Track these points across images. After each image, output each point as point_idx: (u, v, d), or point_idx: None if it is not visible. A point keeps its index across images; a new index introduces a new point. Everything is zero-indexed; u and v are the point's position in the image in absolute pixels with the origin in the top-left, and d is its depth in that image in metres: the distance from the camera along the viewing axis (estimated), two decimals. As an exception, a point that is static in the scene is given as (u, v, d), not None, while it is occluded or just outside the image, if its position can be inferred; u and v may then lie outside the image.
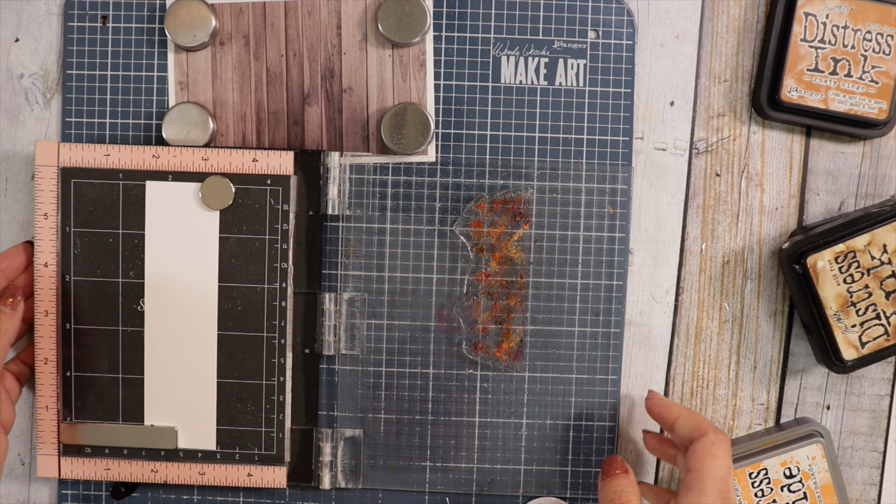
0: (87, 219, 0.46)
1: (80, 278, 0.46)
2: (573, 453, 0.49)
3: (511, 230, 0.47)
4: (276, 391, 0.47)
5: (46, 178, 0.46)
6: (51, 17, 0.48)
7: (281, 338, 0.47)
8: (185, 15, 0.46)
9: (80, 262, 0.46)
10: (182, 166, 0.46)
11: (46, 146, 0.46)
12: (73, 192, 0.46)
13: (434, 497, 0.49)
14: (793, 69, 0.47)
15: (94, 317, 0.47)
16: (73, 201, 0.46)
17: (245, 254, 0.46)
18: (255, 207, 0.46)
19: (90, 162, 0.46)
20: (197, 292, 0.46)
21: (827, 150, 0.49)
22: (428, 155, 0.48)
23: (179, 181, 0.46)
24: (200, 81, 0.48)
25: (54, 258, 0.46)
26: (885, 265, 0.46)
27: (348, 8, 0.47)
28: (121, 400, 0.47)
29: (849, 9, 0.46)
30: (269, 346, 0.47)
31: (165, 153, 0.46)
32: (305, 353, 0.48)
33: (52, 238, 0.46)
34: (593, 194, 0.48)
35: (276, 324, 0.47)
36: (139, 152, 0.46)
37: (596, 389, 0.49)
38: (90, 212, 0.46)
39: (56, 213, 0.46)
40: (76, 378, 0.47)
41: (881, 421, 0.50)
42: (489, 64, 0.48)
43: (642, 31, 0.48)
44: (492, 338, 0.48)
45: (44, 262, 0.46)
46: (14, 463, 0.50)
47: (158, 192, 0.46)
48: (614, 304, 0.48)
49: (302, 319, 0.47)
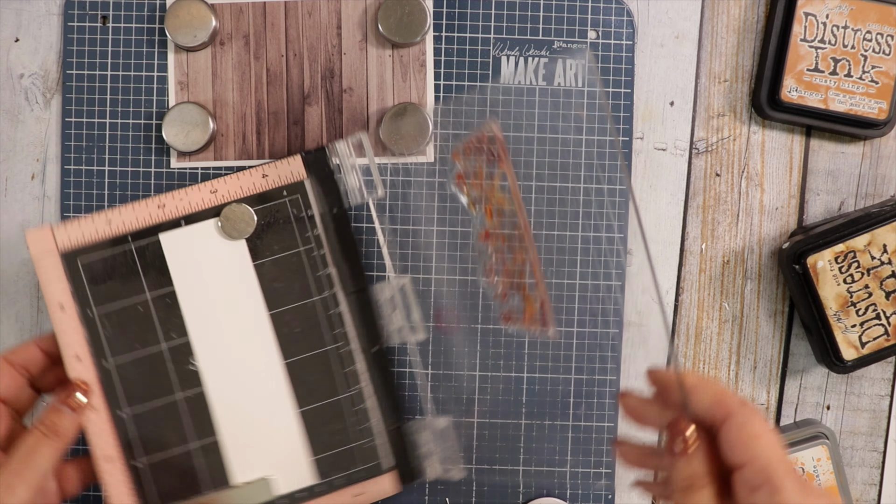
0: (108, 295, 0.42)
1: (120, 359, 0.43)
2: (573, 453, 0.49)
3: (491, 171, 0.45)
4: (356, 401, 0.44)
5: (50, 268, 0.42)
6: (51, 17, 0.48)
7: (345, 345, 0.44)
8: (185, 15, 0.46)
9: (114, 342, 0.43)
10: (192, 207, 0.43)
11: (39, 235, 0.42)
12: (84, 273, 0.42)
13: (434, 497, 0.49)
14: (793, 69, 0.47)
15: (147, 393, 0.43)
16: (86, 283, 0.42)
17: (285, 273, 0.44)
18: (280, 223, 0.44)
19: (92, 236, 0.42)
20: (248, 329, 0.44)
21: (827, 150, 0.49)
22: (426, 155, 0.48)
23: (194, 223, 0.43)
24: (200, 81, 0.48)
25: (85, 348, 0.42)
26: (885, 265, 0.46)
27: (348, 8, 0.47)
28: (201, 469, 0.43)
29: (849, 9, 0.46)
30: (337, 358, 0.44)
31: (170, 200, 0.43)
32: (373, 352, 0.45)
33: (75, 329, 0.42)
34: (591, 195, 0.48)
35: (336, 333, 0.44)
36: (142, 208, 0.43)
37: (596, 390, 0.49)
38: (109, 287, 0.42)
39: (72, 301, 0.42)
40: (149, 466, 0.43)
41: (881, 421, 0.50)
42: (489, 64, 0.48)
43: (642, 32, 0.48)
44: (515, 305, 0.46)
45: (74, 354, 0.42)
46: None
47: (176, 242, 0.43)
48: (614, 304, 0.48)
49: (360, 319, 0.45)
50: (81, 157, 0.48)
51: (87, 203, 0.48)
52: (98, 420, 0.42)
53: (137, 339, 0.43)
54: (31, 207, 0.49)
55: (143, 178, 0.48)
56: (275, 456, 0.44)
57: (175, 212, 0.43)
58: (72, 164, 0.48)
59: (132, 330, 0.43)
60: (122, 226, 0.43)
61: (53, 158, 0.48)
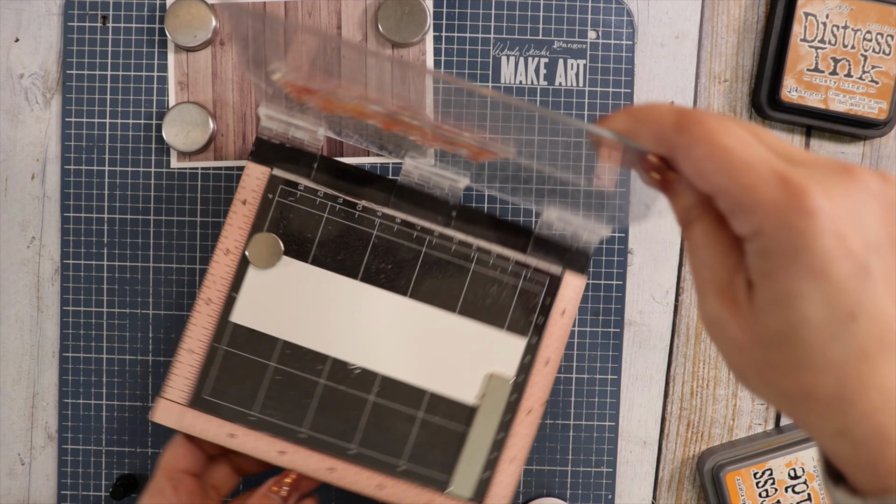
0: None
1: (308, 431, 0.44)
2: (573, 453, 0.49)
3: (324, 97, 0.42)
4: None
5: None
6: (51, 17, 0.48)
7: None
8: (186, 15, 0.46)
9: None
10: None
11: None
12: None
13: (434, 497, 0.49)
14: (793, 69, 0.47)
15: (345, 421, 0.44)
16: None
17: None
18: (313, 221, 0.43)
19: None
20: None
21: (827, 150, 0.49)
22: (427, 157, 0.48)
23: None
24: (200, 81, 0.48)
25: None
26: (885, 265, 0.46)
27: (348, 8, 0.47)
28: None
29: (849, 9, 0.46)
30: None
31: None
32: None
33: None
34: (592, 196, 0.48)
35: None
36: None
37: (596, 389, 0.49)
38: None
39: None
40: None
41: (881, 421, 0.50)
42: (489, 64, 0.48)
43: (642, 31, 0.48)
44: (464, 153, 0.44)
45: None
46: (14, 463, 0.50)
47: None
48: (614, 304, 0.48)
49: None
50: (81, 157, 0.48)
51: (87, 203, 0.48)
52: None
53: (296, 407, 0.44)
54: (31, 207, 0.49)
55: (143, 178, 0.48)
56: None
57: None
58: (72, 164, 0.48)
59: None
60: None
61: (53, 158, 0.48)
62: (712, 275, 0.25)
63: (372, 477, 0.43)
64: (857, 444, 0.22)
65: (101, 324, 0.48)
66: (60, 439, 0.49)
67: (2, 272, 0.49)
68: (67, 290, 0.48)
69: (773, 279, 0.22)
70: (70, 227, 0.48)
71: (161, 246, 0.48)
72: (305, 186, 0.43)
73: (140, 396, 0.49)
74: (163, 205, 0.48)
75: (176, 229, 0.48)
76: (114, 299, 0.48)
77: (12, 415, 0.49)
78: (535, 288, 0.44)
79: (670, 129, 0.25)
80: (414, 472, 0.44)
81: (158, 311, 0.48)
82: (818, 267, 0.21)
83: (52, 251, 0.49)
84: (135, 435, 0.49)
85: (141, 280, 0.48)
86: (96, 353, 0.49)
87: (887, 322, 0.21)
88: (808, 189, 0.21)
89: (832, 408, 0.22)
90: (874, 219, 0.22)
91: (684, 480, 0.50)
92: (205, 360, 0.43)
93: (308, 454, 0.43)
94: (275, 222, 0.43)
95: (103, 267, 0.48)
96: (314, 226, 0.43)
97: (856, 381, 0.22)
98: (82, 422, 0.49)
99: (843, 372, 0.22)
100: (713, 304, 0.25)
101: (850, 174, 0.23)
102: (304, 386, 0.43)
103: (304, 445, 0.43)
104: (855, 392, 0.22)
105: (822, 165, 0.23)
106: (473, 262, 0.44)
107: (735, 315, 0.24)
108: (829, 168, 0.23)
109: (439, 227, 0.44)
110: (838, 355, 0.22)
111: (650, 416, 0.50)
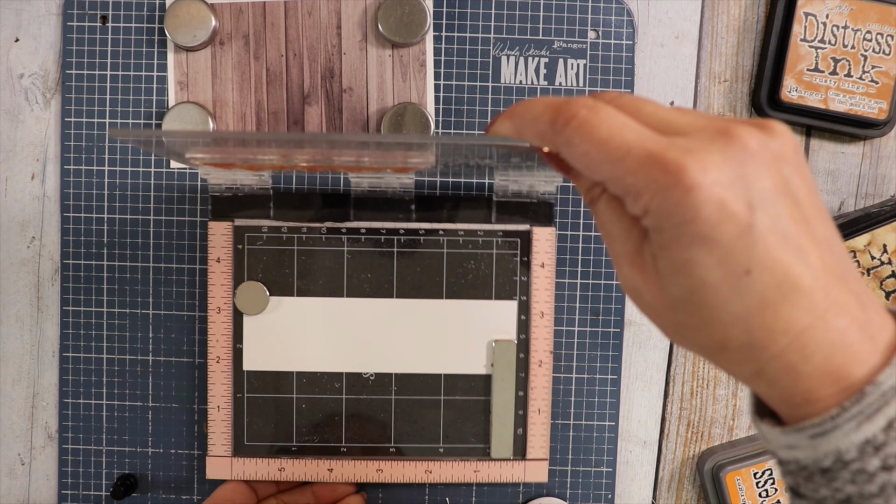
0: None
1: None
2: (573, 453, 0.49)
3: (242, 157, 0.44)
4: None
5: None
6: (51, 17, 0.48)
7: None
8: (185, 15, 0.46)
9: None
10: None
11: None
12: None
13: (434, 497, 0.49)
14: (793, 69, 0.47)
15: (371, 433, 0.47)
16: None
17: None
18: (284, 259, 0.46)
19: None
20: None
21: (827, 150, 0.49)
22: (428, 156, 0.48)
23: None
24: (200, 81, 0.48)
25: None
26: (885, 265, 0.46)
27: (348, 8, 0.47)
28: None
29: (849, 9, 0.46)
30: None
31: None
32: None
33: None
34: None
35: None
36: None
37: (596, 389, 0.49)
38: None
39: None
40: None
41: (881, 421, 0.50)
42: (489, 64, 0.48)
43: (642, 31, 0.48)
44: (388, 170, 0.45)
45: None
46: (14, 463, 0.50)
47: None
48: (614, 303, 0.48)
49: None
50: (81, 157, 0.48)
51: (86, 203, 0.48)
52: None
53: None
54: (31, 207, 0.49)
55: (142, 178, 0.48)
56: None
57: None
58: (71, 164, 0.48)
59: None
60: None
61: (53, 158, 0.48)
62: (623, 247, 0.26)
63: (418, 466, 0.47)
64: (772, 383, 0.24)
65: (101, 324, 0.48)
66: (60, 439, 0.49)
67: (2, 272, 0.49)
68: (67, 290, 0.48)
69: (668, 250, 0.24)
70: (70, 227, 0.48)
71: (161, 246, 0.48)
72: (268, 227, 0.46)
73: (140, 396, 0.49)
74: (163, 205, 0.48)
75: (176, 229, 0.48)
76: (114, 299, 0.48)
77: (12, 415, 0.49)
78: (510, 251, 0.46)
79: (547, 129, 0.26)
80: (455, 450, 0.47)
81: (158, 311, 0.48)
82: (705, 235, 0.23)
83: (52, 251, 0.49)
84: (135, 435, 0.49)
85: (141, 280, 0.48)
86: (96, 353, 0.49)
87: (782, 270, 0.23)
88: (684, 165, 0.23)
89: (745, 355, 0.24)
90: (757, 175, 0.23)
91: (684, 480, 0.50)
92: (234, 412, 0.46)
93: (354, 465, 0.46)
94: (253, 269, 0.46)
95: (103, 267, 0.48)
96: (288, 260, 0.46)
97: (762, 329, 0.23)
98: (82, 422, 0.49)
99: (749, 322, 0.23)
100: (628, 273, 0.26)
101: (728, 137, 0.24)
102: (330, 406, 0.46)
103: (348, 457, 0.46)
104: (763, 338, 0.23)
105: (700, 131, 0.24)
106: (445, 246, 0.46)
107: (647, 283, 0.26)
108: (707, 133, 0.24)
109: (403, 224, 0.46)
110: (741, 308, 0.23)
111: (650, 416, 0.50)
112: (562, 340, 0.48)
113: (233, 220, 0.46)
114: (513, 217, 0.46)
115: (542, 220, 0.46)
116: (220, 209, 0.46)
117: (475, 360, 0.46)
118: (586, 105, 0.25)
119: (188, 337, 0.48)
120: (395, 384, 0.46)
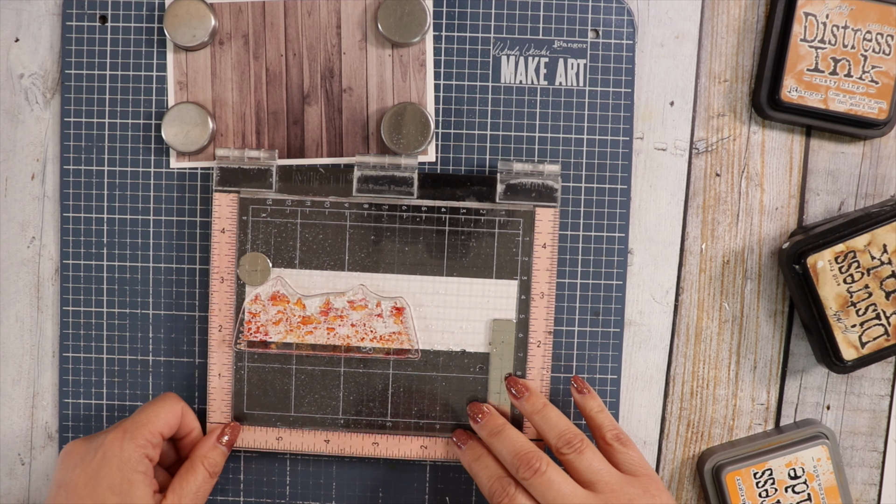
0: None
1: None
2: (573, 453, 0.49)
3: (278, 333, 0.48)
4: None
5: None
6: (50, 17, 0.48)
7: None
8: (185, 14, 0.46)
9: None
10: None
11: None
12: None
13: (434, 497, 0.49)
14: (793, 69, 0.47)
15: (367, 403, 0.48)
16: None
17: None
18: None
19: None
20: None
21: (827, 150, 0.49)
22: (428, 155, 0.48)
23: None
24: (200, 81, 0.48)
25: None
26: (885, 265, 0.46)
27: (348, 8, 0.47)
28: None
29: (849, 9, 0.46)
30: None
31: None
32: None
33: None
34: (593, 194, 0.48)
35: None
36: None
37: (596, 389, 0.49)
38: None
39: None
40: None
41: (881, 421, 0.50)
42: (489, 64, 0.48)
43: (642, 31, 0.48)
44: (397, 348, 0.49)
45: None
46: (14, 463, 0.50)
47: None
48: (614, 303, 0.48)
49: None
50: (81, 157, 0.48)
51: (86, 203, 0.48)
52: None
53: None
54: (31, 207, 0.49)
55: (142, 178, 0.48)
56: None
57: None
58: (71, 164, 0.48)
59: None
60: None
61: (53, 158, 0.48)
62: None
63: (414, 441, 0.47)
64: None
65: (101, 324, 0.48)
66: (60, 439, 0.49)
67: (2, 272, 0.49)
68: (67, 290, 0.48)
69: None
70: (70, 227, 0.48)
71: (161, 246, 0.48)
72: (273, 199, 0.46)
73: (140, 396, 0.49)
74: (163, 205, 0.48)
75: (176, 229, 0.48)
76: (114, 299, 0.48)
77: (12, 415, 0.49)
78: (512, 231, 0.46)
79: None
80: (450, 426, 0.47)
81: (158, 311, 0.48)
82: None
83: (52, 251, 0.49)
84: (135, 435, 0.49)
85: (141, 280, 0.48)
86: (96, 353, 0.49)
87: None
88: None
89: None
90: None
91: (684, 480, 0.50)
92: (234, 381, 0.47)
93: (350, 437, 0.47)
94: (256, 240, 0.46)
95: (103, 267, 0.48)
96: (291, 233, 0.46)
97: None
98: (82, 422, 0.49)
99: None
100: None
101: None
102: (328, 378, 0.47)
103: (345, 430, 0.47)
104: None
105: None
106: (447, 224, 0.46)
107: None
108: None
109: (405, 200, 0.46)
110: None
111: (650, 416, 0.50)
112: (562, 340, 0.48)
113: (239, 191, 0.46)
114: (516, 196, 0.46)
115: (546, 200, 0.46)
116: (226, 181, 0.46)
117: (474, 339, 0.47)
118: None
119: (188, 337, 0.48)
120: (392, 358, 0.47)
